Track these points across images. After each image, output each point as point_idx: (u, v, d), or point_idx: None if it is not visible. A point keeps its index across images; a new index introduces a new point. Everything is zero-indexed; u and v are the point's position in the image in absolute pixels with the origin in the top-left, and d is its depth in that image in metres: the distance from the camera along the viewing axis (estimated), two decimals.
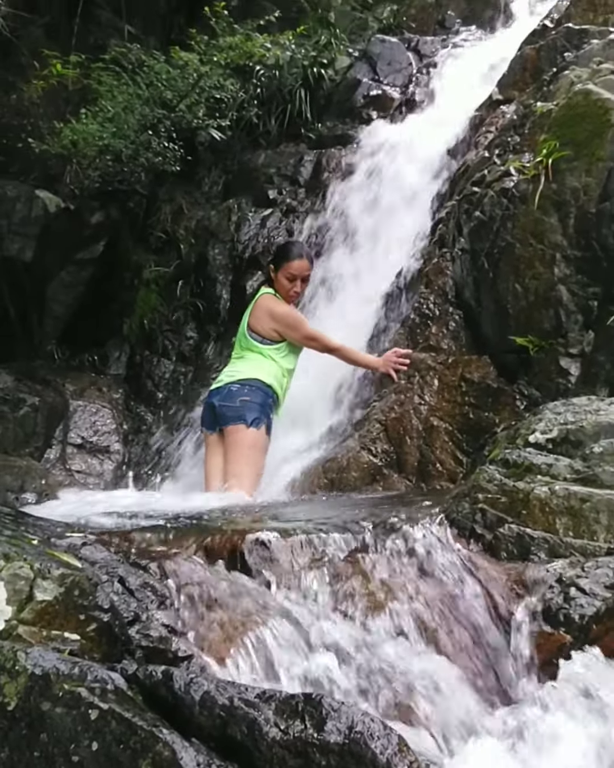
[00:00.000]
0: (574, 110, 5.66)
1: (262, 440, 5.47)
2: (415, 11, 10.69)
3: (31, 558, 2.46)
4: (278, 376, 5.59)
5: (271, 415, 5.54)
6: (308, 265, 5.74)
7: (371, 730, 1.95)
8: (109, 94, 8.21)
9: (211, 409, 5.60)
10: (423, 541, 3.15)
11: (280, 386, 5.59)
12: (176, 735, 1.96)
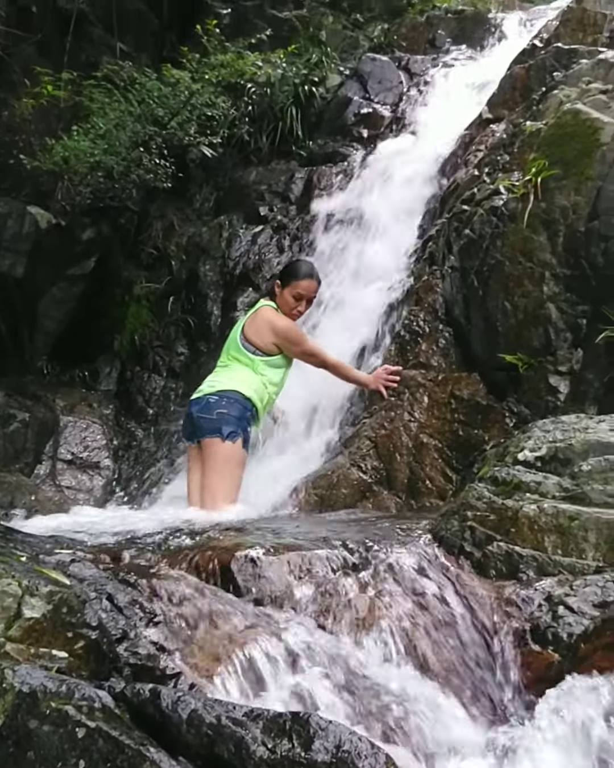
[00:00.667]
0: (563, 129, 5.70)
1: (238, 454, 5.41)
2: (406, 30, 10.76)
3: (20, 575, 2.46)
4: (260, 389, 5.54)
5: (248, 429, 5.48)
6: (316, 286, 5.74)
7: (358, 749, 1.95)
8: (100, 111, 8.23)
9: (189, 419, 5.57)
10: (411, 558, 3.16)
11: (259, 399, 5.53)
12: (163, 753, 1.95)
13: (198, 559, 3.16)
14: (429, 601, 2.96)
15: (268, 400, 5.61)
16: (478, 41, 10.05)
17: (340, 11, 11.47)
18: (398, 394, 5.86)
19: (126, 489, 7.24)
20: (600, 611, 2.76)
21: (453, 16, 10.71)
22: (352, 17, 11.42)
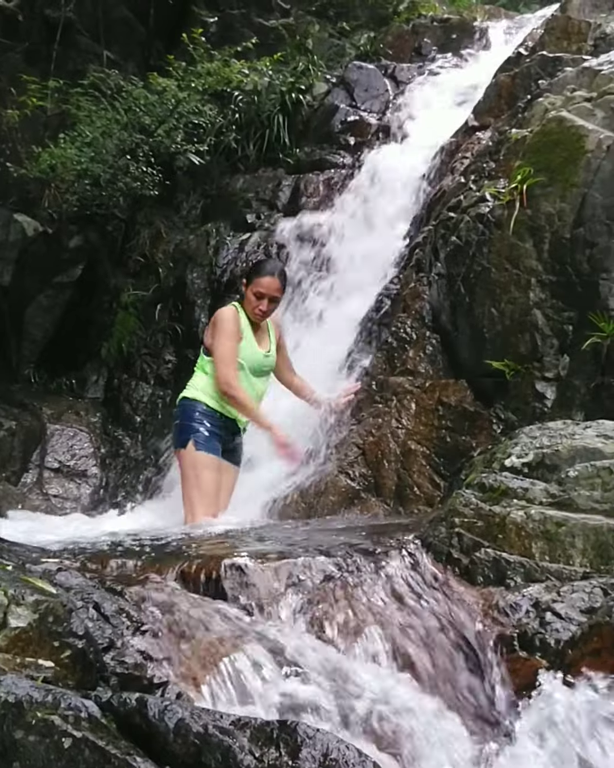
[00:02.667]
0: (548, 137, 5.72)
1: (194, 457, 5.34)
2: (392, 38, 10.77)
3: (5, 584, 2.45)
4: (207, 387, 5.46)
5: (200, 429, 5.37)
6: (278, 284, 5.51)
7: (346, 758, 1.95)
8: (87, 119, 8.24)
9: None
10: (399, 565, 3.16)
11: (211, 397, 5.43)
12: (150, 763, 1.95)
13: (185, 568, 3.15)
14: (416, 608, 2.96)
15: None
16: (464, 49, 10.08)
17: (326, 20, 11.49)
18: (386, 401, 5.87)
19: (113, 497, 7.22)
20: (588, 617, 2.76)
21: (438, 24, 10.74)
22: (338, 25, 11.45)
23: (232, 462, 5.58)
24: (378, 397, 5.97)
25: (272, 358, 5.63)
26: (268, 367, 5.61)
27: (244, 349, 5.48)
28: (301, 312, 7.40)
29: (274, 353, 5.63)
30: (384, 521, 5.04)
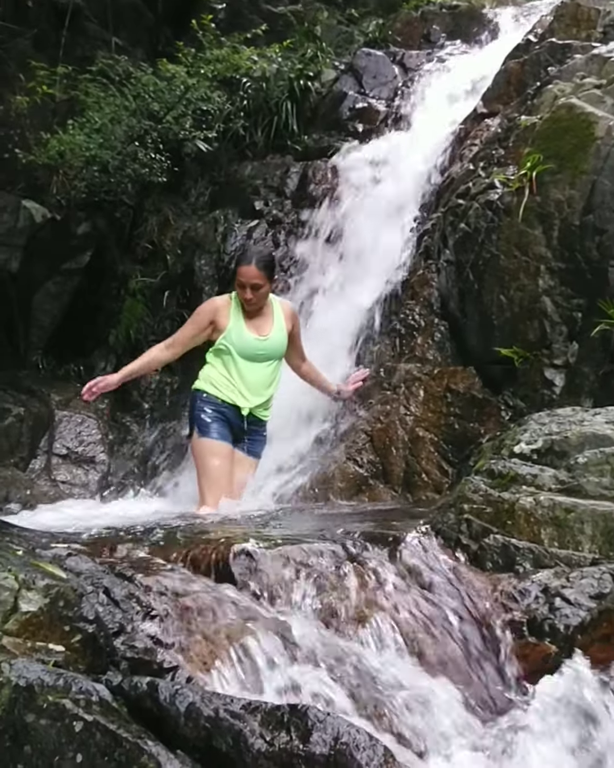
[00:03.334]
0: (558, 124, 5.70)
1: (199, 444, 5.48)
2: (401, 25, 10.72)
3: (16, 569, 2.46)
4: (207, 376, 5.62)
5: (202, 415, 5.49)
6: (256, 272, 5.46)
7: (357, 741, 1.95)
8: (96, 105, 8.22)
9: None
10: (408, 551, 3.16)
11: (211, 384, 5.56)
12: (161, 747, 1.95)
13: (194, 553, 3.16)
14: (426, 594, 2.97)
15: (224, 383, 5.56)
16: (473, 36, 10.02)
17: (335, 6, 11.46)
18: (394, 388, 5.87)
19: (121, 483, 7.23)
20: (597, 603, 2.77)
21: (447, 11, 10.68)
22: (347, 12, 11.41)
23: (246, 452, 5.63)
24: (386, 384, 5.98)
25: (271, 343, 5.61)
26: (264, 352, 5.59)
27: (230, 334, 5.56)
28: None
29: (276, 339, 5.62)
30: (393, 508, 5.05)
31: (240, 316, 5.59)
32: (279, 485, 5.74)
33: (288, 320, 5.69)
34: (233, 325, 5.57)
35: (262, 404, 5.58)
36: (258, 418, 5.62)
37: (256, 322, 5.61)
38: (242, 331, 5.56)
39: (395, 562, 3.10)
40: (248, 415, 5.55)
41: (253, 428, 5.62)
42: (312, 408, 6.28)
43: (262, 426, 5.68)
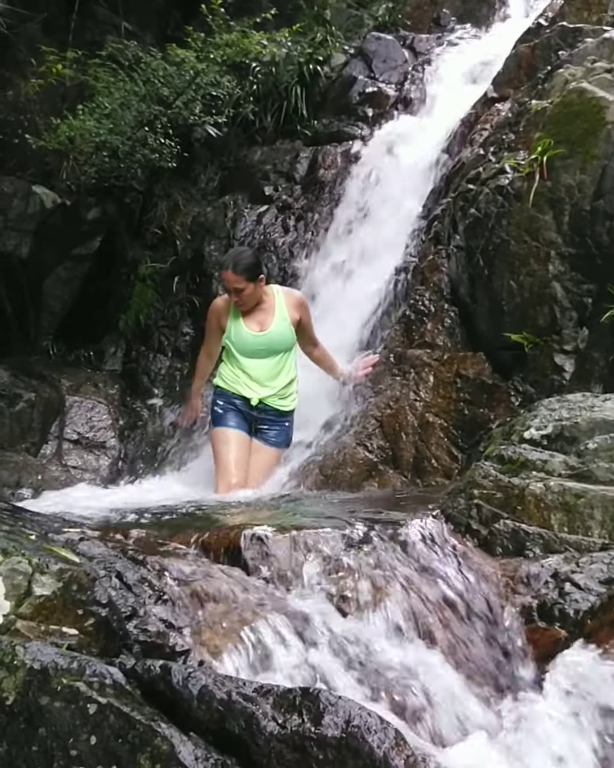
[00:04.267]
0: (569, 108, 5.68)
1: (213, 434, 5.84)
2: (411, 9, 10.67)
3: (30, 553, 2.47)
4: (221, 372, 5.89)
5: (215, 407, 5.80)
6: (235, 276, 5.58)
7: (368, 724, 1.97)
8: (105, 90, 8.19)
9: None
10: (419, 536, 3.17)
11: (222, 379, 5.84)
12: (174, 729, 1.97)
13: (206, 537, 3.18)
14: (436, 578, 2.98)
15: (231, 377, 5.79)
16: (483, 20, 9.97)
17: None
18: (404, 374, 5.87)
19: (132, 468, 7.26)
20: (607, 588, 2.78)
21: None
22: None
23: (262, 441, 5.77)
24: (396, 370, 5.98)
25: (271, 338, 5.73)
26: (264, 347, 5.72)
27: (229, 333, 5.79)
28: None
29: (277, 332, 5.74)
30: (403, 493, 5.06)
31: (238, 313, 5.77)
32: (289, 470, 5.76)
33: (294, 310, 5.77)
34: (231, 324, 5.78)
35: (273, 394, 5.66)
36: (272, 407, 5.68)
37: (257, 317, 5.77)
38: (240, 328, 5.74)
39: (405, 547, 3.12)
40: (258, 404, 5.69)
41: (268, 417, 5.68)
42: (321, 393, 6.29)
43: (281, 416, 5.75)
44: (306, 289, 7.20)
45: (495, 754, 2.25)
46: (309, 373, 6.11)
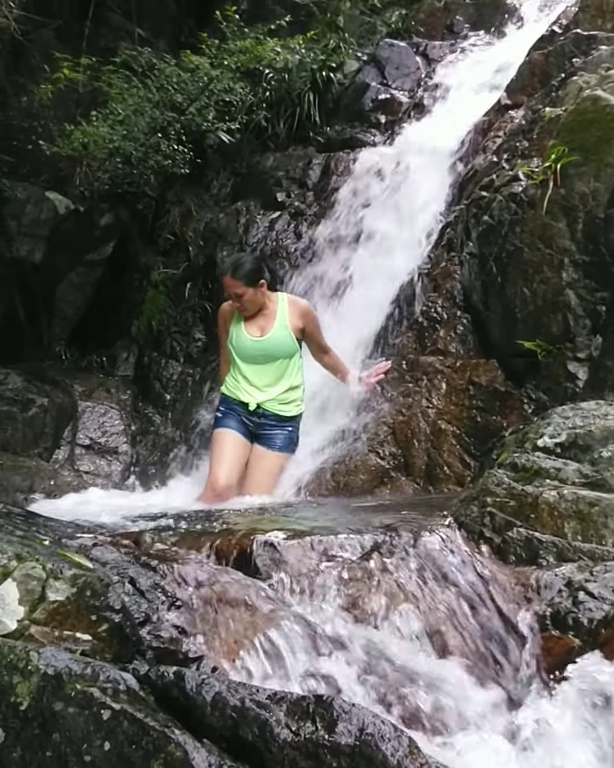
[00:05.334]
0: (583, 116, 5.67)
1: (212, 437, 5.92)
2: (424, 16, 10.68)
3: (44, 558, 2.48)
4: (227, 380, 5.93)
5: (217, 413, 5.91)
6: (234, 282, 5.65)
7: (382, 732, 1.97)
8: (119, 96, 8.23)
9: None
10: (431, 544, 3.16)
11: (225, 386, 5.91)
12: (188, 735, 1.97)
13: (218, 543, 3.18)
14: (449, 586, 2.97)
15: (232, 383, 5.86)
16: (497, 27, 9.97)
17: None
18: (416, 381, 5.87)
19: (144, 474, 7.27)
20: None
21: (471, 1, 10.61)
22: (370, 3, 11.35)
23: (266, 446, 5.77)
24: (408, 377, 5.98)
25: (270, 344, 5.75)
26: (263, 352, 5.75)
27: (232, 337, 5.86)
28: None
29: (276, 338, 5.75)
30: (415, 500, 5.06)
31: (240, 318, 5.83)
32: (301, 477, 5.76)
33: (297, 318, 5.78)
34: (234, 328, 5.84)
35: (272, 399, 5.68)
36: (272, 412, 5.70)
37: (258, 322, 5.82)
38: (240, 333, 5.79)
39: (418, 554, 3.11)
40: (257, 409, 5.73)
41: (268, 422, 5.70)
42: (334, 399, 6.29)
43: (282, 421, 5.75)
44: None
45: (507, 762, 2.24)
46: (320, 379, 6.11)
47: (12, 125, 8.10)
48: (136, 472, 7.31)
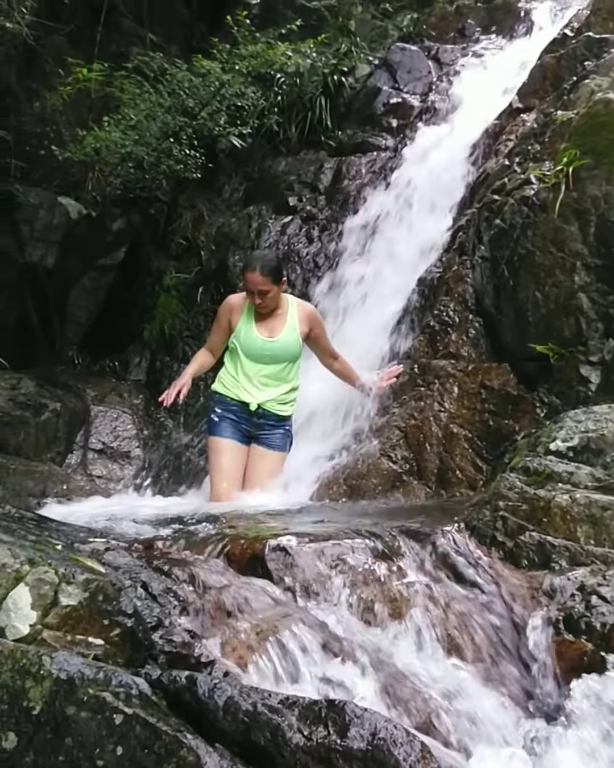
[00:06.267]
0: (595, 119, 5.66)
1: (209, 442, 5.85)
2: (435, 20, 10.70)
3: (56, 563, 2.48)
4: (221, 376, 5.86)
5: (212, 415, 5.78)
6: (260, 278, 5.50)
7: (394, 737, 1.96)
8: (131, 102, 8.26)
9: None
10: (444, 548, 3.16)
11: (221, 384, 5.81)
12: (200, 740, 1.97)
13: (230, 548, 3.18)
14: (461, 590, 2.97)
15: (231, 381, 5.76)
16: (508, 30, 9.97)
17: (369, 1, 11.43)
18: (428, 384, 5.86)
19: (156, 478, 7.27)
20: None
21: (482, 5, 10.65)
22: (381, 7, 11.38)
23: (266, 446, 5.72)
24: (420, 381, 5.96)
25: (279, 346, 5.68)
26: (271, 353, 5.68)
27: (239, 332, 5.72)
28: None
29: (285, 341, 5.69)
30: (427, 504, 5.05)
31: (251, 316, 5.71)
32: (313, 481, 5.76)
33: (304, 323, 5.74)
34: (242, 324, 5.71)
35: (272, 399, 5.65)
36: (272, 412, 5.67)
37: (269, 323, 5.71)
38: (250, 330, 5.68)
39: (431, 558, 3.11)
40: (257, 409, 5.67)
41: (267, 423, 5.67)
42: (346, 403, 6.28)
43: (281, 420, 5.73)
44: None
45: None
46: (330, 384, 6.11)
47: (24, 130, 8.13)
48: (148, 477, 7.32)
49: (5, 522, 3.07)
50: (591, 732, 2.25)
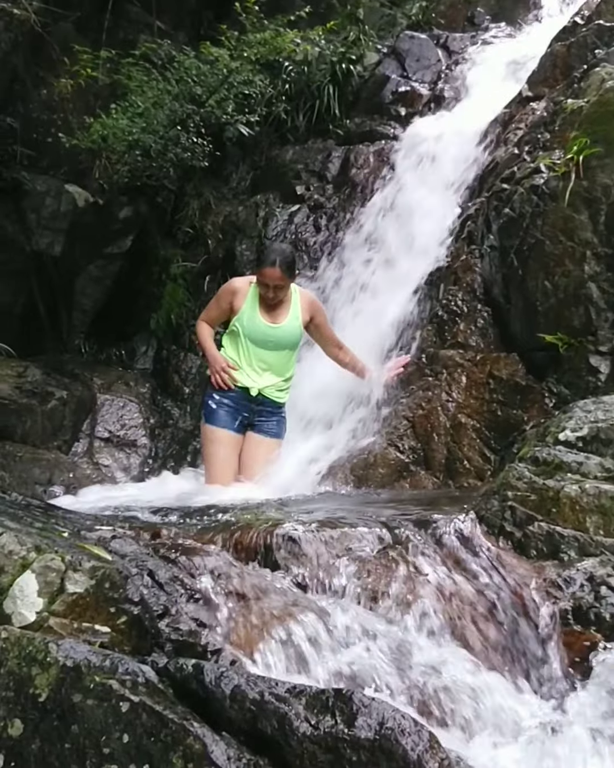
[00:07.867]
0: (605, 107, 5.63)
1: (204, 430, 5.79)
2: (444, 8, 10.62)
3: (62, 550, 2.47)
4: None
5: (209, 401, 5.72)
6: (279, 274, 5.52)
7: (402, 726, 1.95)
8: (138, 89, 8.22)
9: None
10: (452, 538, 3.15)
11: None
12: (207, 728, 1.96)
13: (237, 537, 3.18)
14: (470, 580, 2.96)
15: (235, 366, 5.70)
16: (518, 18, 9.92)
17: None
18: (436, 374, 5.84)
19: (162, 467, 7.26)
20: None
21: None
22: None
23: (263, 433, 5.72)
24: (428, 371, 5.95)
25: (282, 332, 5.68)
26: (274, 339, 5.67)
27: (242, 316, 5.71)
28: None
29: (288, 328, 5.70)
30: (435, 494, 5.04)
31: (256, 301, 5.69)
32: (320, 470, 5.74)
33: (306, 311, 5.75)
34: (247, 309, 5.70)
35: (271, 385, 5.64)
36: (270, 399, 5.66)
37: (275, 309, 5.71)
38: (255, 315, 5.67)
39: (439, 548, 3.10)
40: (257, 395, 5.66)
41: (265, 409, 5.67)
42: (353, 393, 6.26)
43: (277, 407, 5.74)
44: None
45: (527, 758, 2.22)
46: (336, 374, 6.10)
47: (32, 118, 8.11)
48: (154, 465, 7.31)
49: (12, 509, 3.07)
50: (600, 722, 2.24)
